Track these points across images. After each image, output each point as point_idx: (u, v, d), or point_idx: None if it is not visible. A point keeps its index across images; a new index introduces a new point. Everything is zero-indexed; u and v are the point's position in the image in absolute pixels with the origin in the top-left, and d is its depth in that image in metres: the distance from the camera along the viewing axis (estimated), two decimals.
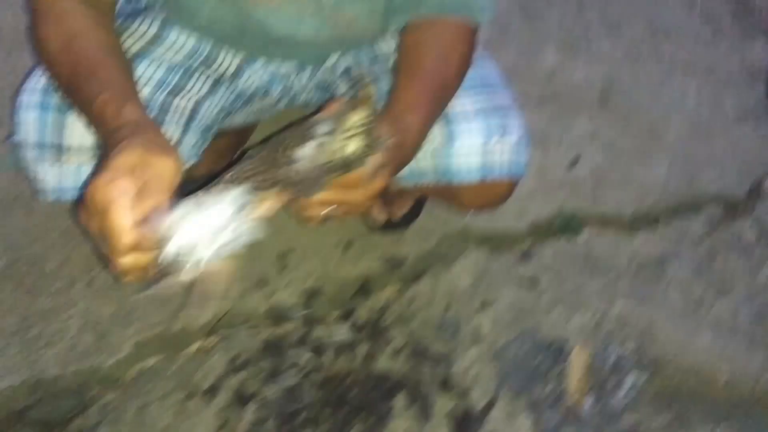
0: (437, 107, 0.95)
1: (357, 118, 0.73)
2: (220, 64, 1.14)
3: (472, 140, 1.02)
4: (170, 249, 0.65)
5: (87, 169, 0.97)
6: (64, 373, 1.30)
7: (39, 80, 0.97)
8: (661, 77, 2.05)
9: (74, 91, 0.84)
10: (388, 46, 1.16)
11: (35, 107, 0.95)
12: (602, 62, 2.06)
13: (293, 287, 1.46)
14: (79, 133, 0.94)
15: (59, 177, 0.98)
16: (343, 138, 0.73)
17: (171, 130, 1.03)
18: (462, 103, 1.03)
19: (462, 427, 1.31)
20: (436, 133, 1.04)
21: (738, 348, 1.49)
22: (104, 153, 0.73)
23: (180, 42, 1.09)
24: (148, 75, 1.03)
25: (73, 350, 1.34)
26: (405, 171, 0.93)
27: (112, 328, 1.37)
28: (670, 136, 1.89)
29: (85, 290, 1.41)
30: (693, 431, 1.41)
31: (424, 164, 1.06)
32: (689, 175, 1.81)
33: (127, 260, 0.65)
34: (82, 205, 0.67)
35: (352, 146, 0.73)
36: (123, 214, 0.64)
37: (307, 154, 0.72)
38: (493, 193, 1.08)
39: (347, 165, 0.74)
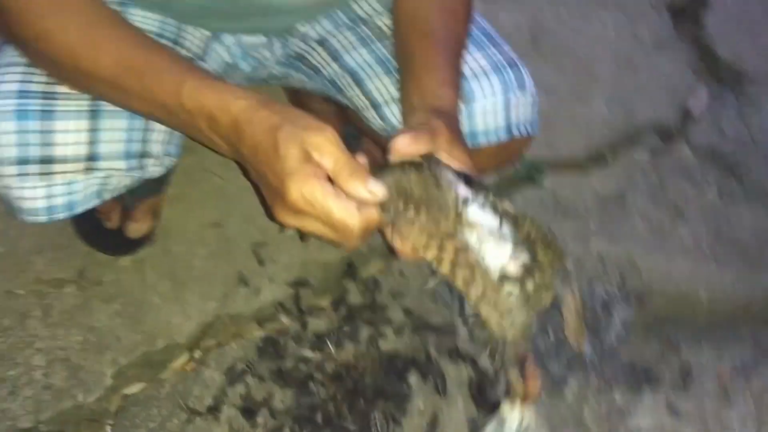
0: (460, 67, 0.89)
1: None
2: (185, 45, 1.01)
3: (495, 98, 0.96)
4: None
5: (80, 184, 0.83)
6: (41, 419, 1.15)
7: (7, 79, 0.80)
8: (582, 14, 2.08)
9: (130, 89, 0.74)
10: (365, 6, 1.09)
11: (11, 115, 0.80)
12: (525, 6, 2.05)
13: (277, 281, 1.36)
14: (72, 140, 0.80)
15: (49, 195, 0.83)
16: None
17: None
18: (474, 59, 0.97)
19: (479, 394, 1.29)
20: None
21: (708, 269, 1.57)
22: (236, 141, 0.68)
23: (140, 26, 0.95)
24: None
25: (46, 391, 1.19)
26: None
27: (85, 359, 1.23)
28: (600, 72, 1.92)
29: (41, 322, 1.25)
30: (680, 354, 1.47)
31: None
32: (625, 108, 1.86)
33: (363, 233, 0.66)
34: (286, 211, 0.65)
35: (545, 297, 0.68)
36: (340, 203, 0.63)
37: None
38: (512, 151, 1.04)
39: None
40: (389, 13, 1.08)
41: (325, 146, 0.63)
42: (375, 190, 0.64)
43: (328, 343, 1.30)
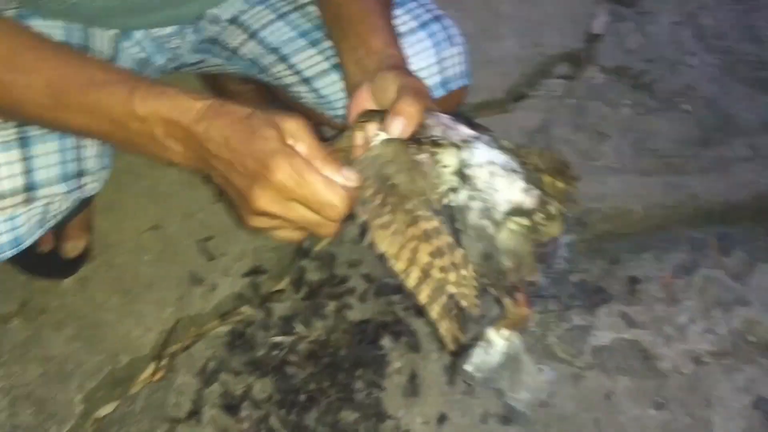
0: (395, 26, 0.88)
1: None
2: (95, 48, 0.95)
3: (429, 58, 0.96)
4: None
5: (22, 217, 0.78)
6: None
7: None
8: None
9: (71, 107, 0.69)
10: None
11: None
12: None
13: (231, 274, 1.34)
14: (5, 173, 0.76)
15: None
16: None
17: None
18: (403, 21, 0.96)
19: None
20: None
21: (637, 182, 1.64)
22: (203, 140, 0.64)
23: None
24: None
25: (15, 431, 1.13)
26: None
27: (50, 390, 1.18)
28: (504, 9, 1.95)
29: None
30: (625, 267, 1.55)
31: None
32: (534, 41, 1.90)
33: (345, 209, 0.64)
34: (264, 201, 0.62)
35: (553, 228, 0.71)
36: (326, 179, 0.62)
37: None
38: (450, 105, 1.04)
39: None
40: None
41: (300, 132, 0.63)
42: (349, 176, 0.64)
43: (296, 324, 1.29)
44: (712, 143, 1.78)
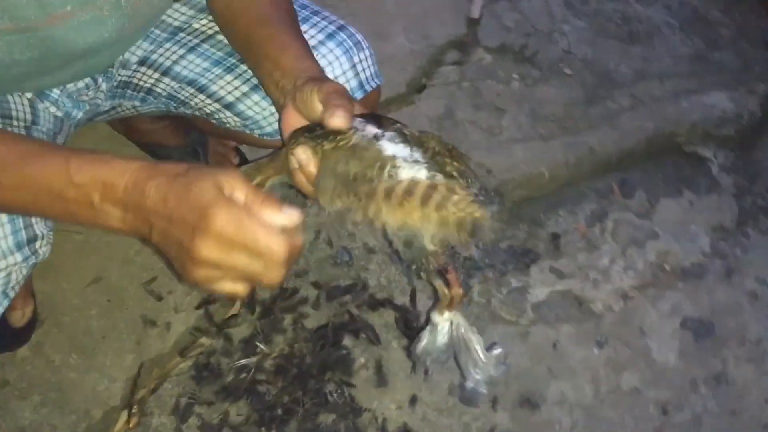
0: (304, 38, 0.94)
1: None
2: (13, 115, 0.96)
3: (342, 65, 1.02)
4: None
5: None
6: None
7: None
8: None
9: (7, 184, 0.70)
10: (176, 15, 1.10)
11: None
12: None
13: (183, 309, 1.35)
14: None
15: None
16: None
17: None
18: (310, 35, 1.02)
19: (407, 328, 1.40)
20: None
21: (539, 147, 1.77)
22: (139, 200, 0.65)
23: None
24: None
25: None
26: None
27: None
28: (389, 7, 2.03)
29: None
30: (545, 226, 1.68)
31: None
32: (422, 34, 1.99)
33: (288, 260, 0.64)
34: (208, 251, 0.62)
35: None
36: (264, 227, 0.62)
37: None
38: (370, 104, 1.11)
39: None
40: (202, 13, 1.09)
41: (235, 181, 0.64)
42: (291, 214, 0.64)
43: (258, 344, 1.33)
44: (596, 100, 1.95)
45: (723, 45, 2.15)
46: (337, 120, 0.73)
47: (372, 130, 0.75)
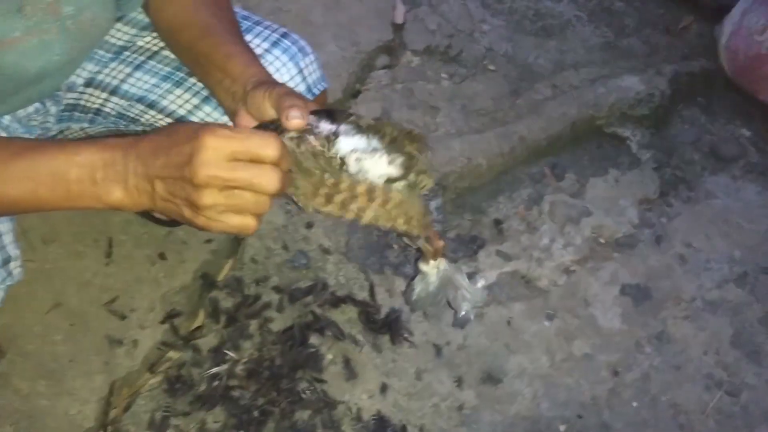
0: (248, 45, 0.97)
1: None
2: None
3: (290, 71, 1.07)
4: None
5: None
6: None
7: None
8: None
9: (7, 177, 0.72)
10: (119, 34, 1.12)
11: None
12: None
13: (148, 325, 1.36)
14: None
15: None
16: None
17: None
18: (255, 44, 1.06)
19: (369, 321, 1.45)
20: None
21: (474, 139, 1.86)
22: (133, 174, 0.70)
23: None
24: None
25: None
26: None
27: None
28: (315, 18, 2.09)
29: None
30: (487, 213, 1.77)
31: None
32: (351, 41, 2.06)
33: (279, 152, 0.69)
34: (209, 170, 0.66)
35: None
36: (255, 131, 0.69)
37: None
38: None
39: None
40: (145, 31, 1.12)
41: (217, 124, 0.70)
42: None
43: (226, 351, 1.35)
44: (521, 91, 2.06)
45: (629, 32, 2.31)
46: (294, 121, 0.76)
47: (327, 126, 0.78)
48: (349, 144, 0.78)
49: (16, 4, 0.85)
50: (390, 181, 0.79)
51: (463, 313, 0.89)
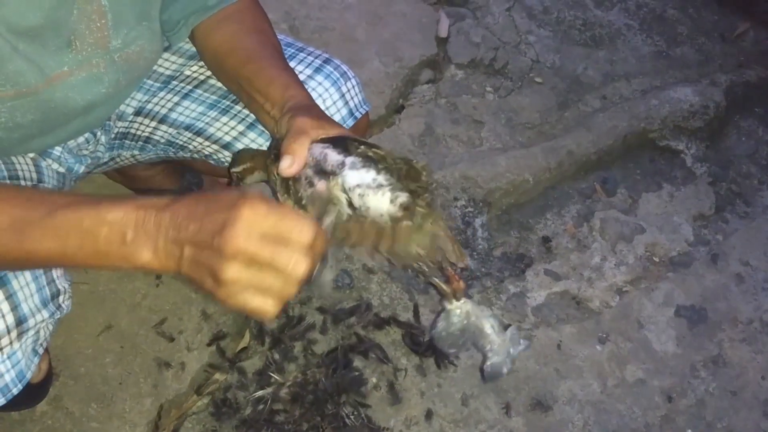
0: (292, 70, 0.98)
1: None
2: (19, 176, 0.98)
3: (332, 96, 1.07)
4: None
5: (19, 352, 0.80)
6: None
7: None
8: None
9: (40, 234, 0.71)
10: (167, 63, 1.14)
11: None
12: (275, 3, 2.13)
13: (195, 347, 1.37)
14: None
15: None
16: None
17: None
18: (299, 70, 1.06)
19: (414, 343, 1.44)
20: None
21: (520, 154, 1.82)
22: (164, 237, 0.67)
23: None
24: None
25: None
26: None
27: None
28: (359, 35, 2.08)
29: None
30: (534, 230, 1.74)
31: None
32: (394, 57, 2.05)
33: (313, 233, 0.66)
34: (237, 256, 0.64)
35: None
36: (286, 208, 0.69)
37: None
38: (360, 130, 1.15)
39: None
40: (192, 60, 1.13)
41: (256, 195, 0.67)
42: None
43: (271, 374, 1.35)
44: (569, 104, 2.02)
45: (682, 41, 2.24)
46: (283, 166, 0.79)
47: (334, 158, 0.78)
48: (354, 179, 0.77)
49: (65, 39, 0.87)
50: (392, 220, 0.77)
51: (490, 363, 0.83)
